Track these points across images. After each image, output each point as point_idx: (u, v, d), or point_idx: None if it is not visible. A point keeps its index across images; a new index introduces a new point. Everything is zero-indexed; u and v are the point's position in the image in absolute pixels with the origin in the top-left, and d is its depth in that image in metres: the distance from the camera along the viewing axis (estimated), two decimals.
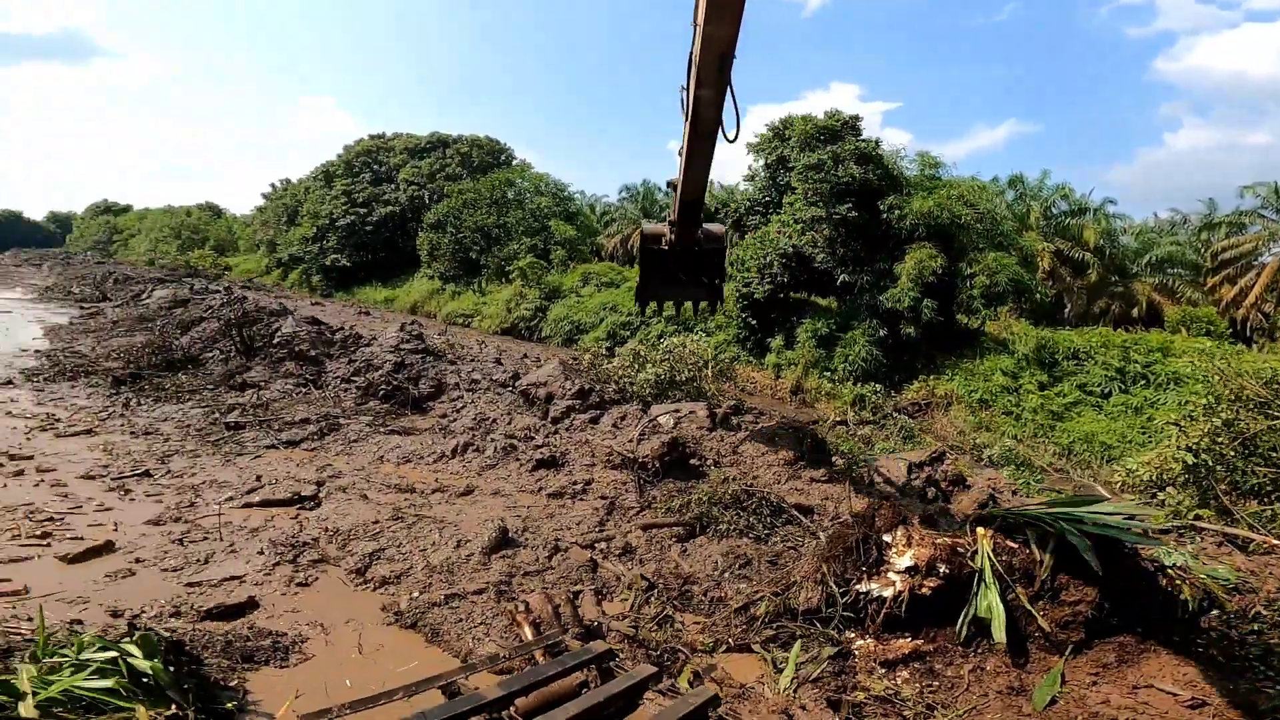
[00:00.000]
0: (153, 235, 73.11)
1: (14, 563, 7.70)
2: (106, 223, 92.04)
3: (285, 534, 8.86)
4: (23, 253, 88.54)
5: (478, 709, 4.92)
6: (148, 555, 8.22)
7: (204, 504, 9.82)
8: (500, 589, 7.55)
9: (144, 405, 14.39)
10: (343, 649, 6.56)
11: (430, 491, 10.58)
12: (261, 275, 53.12)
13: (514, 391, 14.26)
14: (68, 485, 10.13)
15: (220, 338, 18.58)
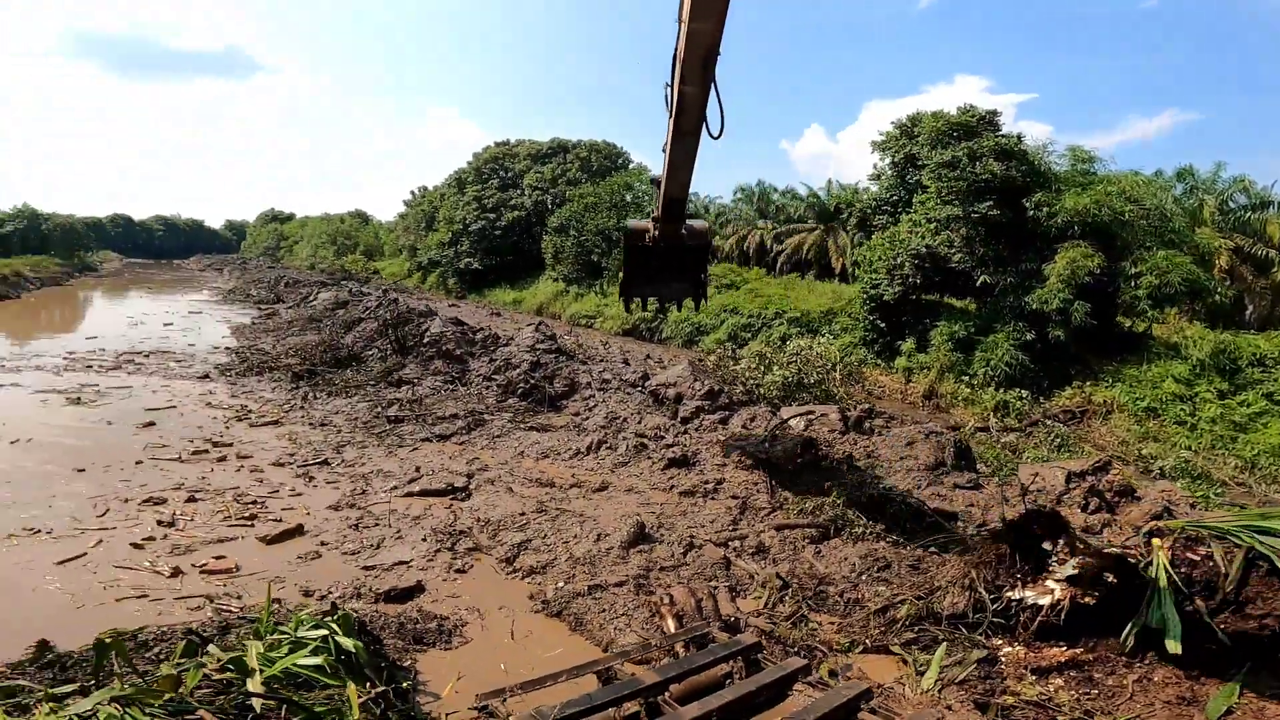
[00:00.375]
0: (312, 241, 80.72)
1: (223, 542, 8.76)
2: (274, 230, 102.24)
3: (443, 523, 9.55)
4: (205, 258, 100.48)
5: (636, 693, 5.19)
6: (330, 539, 9.08)
7: (373, 492, 10.79)
8: (639, 582, 7.81)
9: (319, 399, 16.09)
10: (496, 634, 7.01)
11: (568, 486, 11.10)
12: (404, 278, 57.38)
13: (643, 391, 14.64)
14: (263, 471, 11.46)
15: (377, 337, 20.42)
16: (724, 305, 28.59)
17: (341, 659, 5.50)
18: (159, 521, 9.11)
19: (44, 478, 10.40)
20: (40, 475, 10.50)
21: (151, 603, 7.19)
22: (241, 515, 9.57)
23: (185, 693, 4.92)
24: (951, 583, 6.95)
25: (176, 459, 11.76)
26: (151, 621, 6.51)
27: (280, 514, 9.72)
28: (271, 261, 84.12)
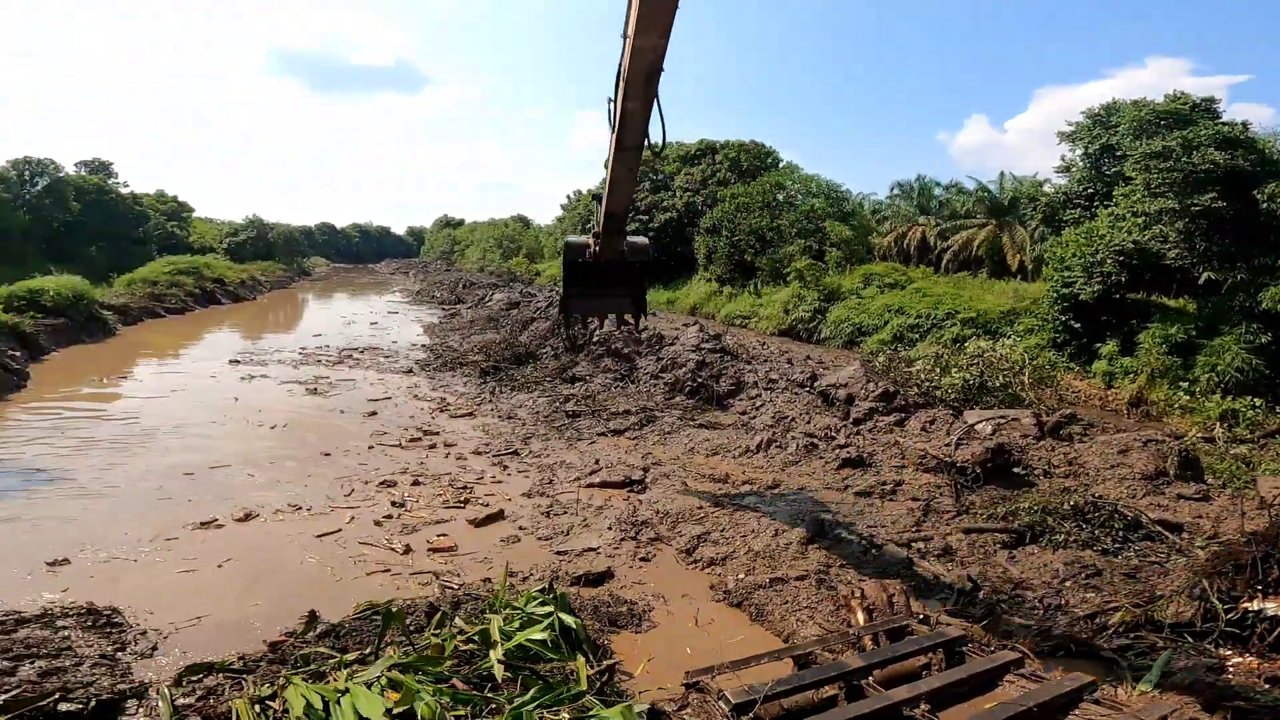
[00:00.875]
0: (481, 245, 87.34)
1: (441, 523, 9.83)
2: (448, 235, 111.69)
3: (624, 513, 10.11)
4: (393, 262, 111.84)
5: (841, 675, 5.39)
6: (526, 524, 9.92)
7: (558, 482, 11.66)
8: (819, 577, 7.93)
9: (503, 394, 17.63)
10: (680, 620, 7.38)
11: (741, 483, 11.37)
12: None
13: (811, 392, 14.57)
14: (466, 459, 12.78)
15: (550, 336, 21.91)
16: (887, 305, 27.40)
17: (563, 635, 6.03)
18: (392, 502, 10.45)
19: (299, 460, 12.32)
20: (296, 458, 12.45)
21: (392, 577, 8.20)
22: (456, 500, 10.73)
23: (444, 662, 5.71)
24: (1177, 591, 6.82)
25: (398, 445, 13.43)
26: (392, 594, 7.51)
27: (485, 499, 10.79)
28: (447, 265, 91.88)
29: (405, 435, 14.06)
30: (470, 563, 8.62)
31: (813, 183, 41.39)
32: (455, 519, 9.99)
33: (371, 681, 5.24)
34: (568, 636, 6.06)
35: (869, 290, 29.52)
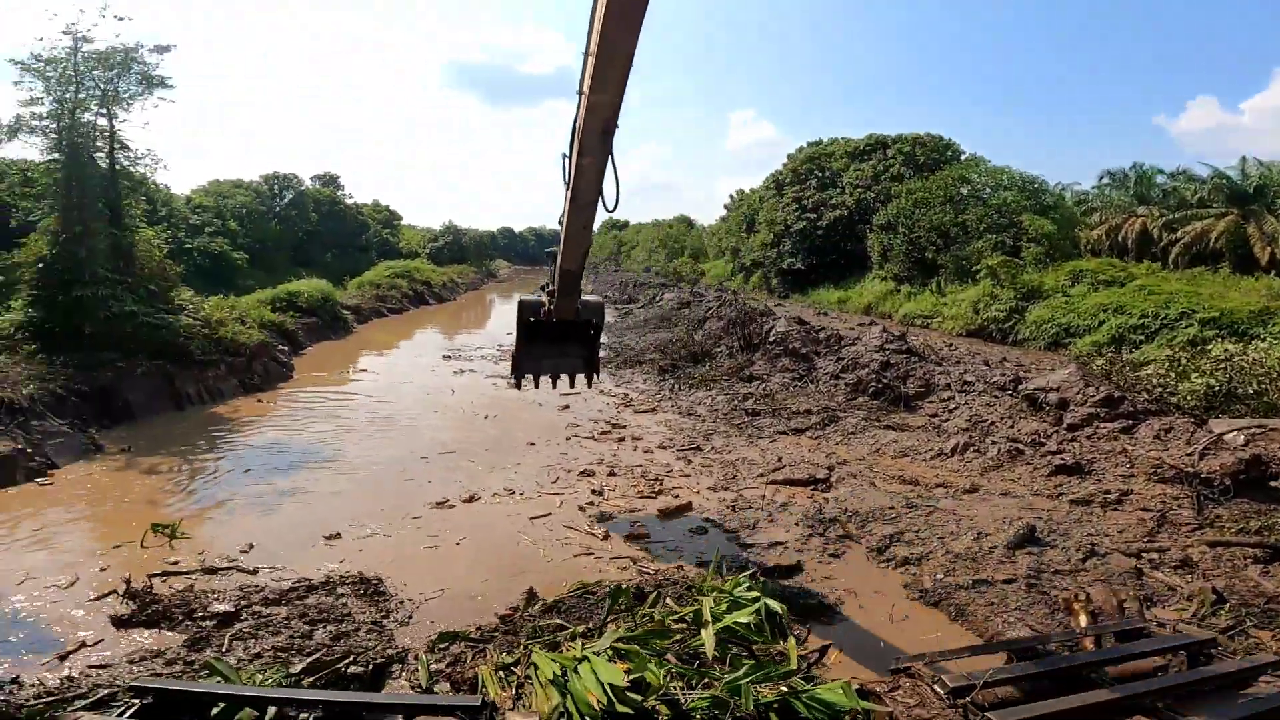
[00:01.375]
0: (645, 246, 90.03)
1: (634, 512, 10.48)
2: (614, 237, 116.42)
3: (809, 510, 10.20)
4: None
5: (1069, 668, 5.30)
6: (713, 516, 10.30)
7: (741, 478, 11.95)
8: (1029, 581, 7.69)
9: (682, 391, 18.27)
10: (873, 614, 7.43)
11: (934, 486, 11.02)
12: (728, 279, 60.72)
13: (1013, 395, 13.61)
14: (652, 452, 13.49)
15: (724, 335, 22.29)
16: (1102, 304, 24.56)
17: (768, 620, 6.35)
18: (592, 490, 11.34)
19: (508, 448, 13.70)
20: (506, 446, 13.85)
21: (594, 560, 8.90)
22: (650, 491, 11.38)
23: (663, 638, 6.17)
24: None
25: (590, 438, 14.49)
26: (596, 576, 8.16)
27: (673, 491, 11.33)
28: (614, 266, 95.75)
29: (596, 428, 15.11)
30: (662, 551, 9.12)
31: (1004, 175, 38.01)
32: (646, 509, 10.58)
33: (601, 652, 5.77)
34: (772, 621, 6.37)
35: (1078, 288, 26.66)
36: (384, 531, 9.64)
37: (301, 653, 6.30)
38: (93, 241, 16.31)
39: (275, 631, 6.68)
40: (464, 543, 9.34)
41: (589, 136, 7.25)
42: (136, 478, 11.52)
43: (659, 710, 5.02)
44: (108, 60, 17.23)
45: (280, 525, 9.71)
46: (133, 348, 15.55)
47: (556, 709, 5.08)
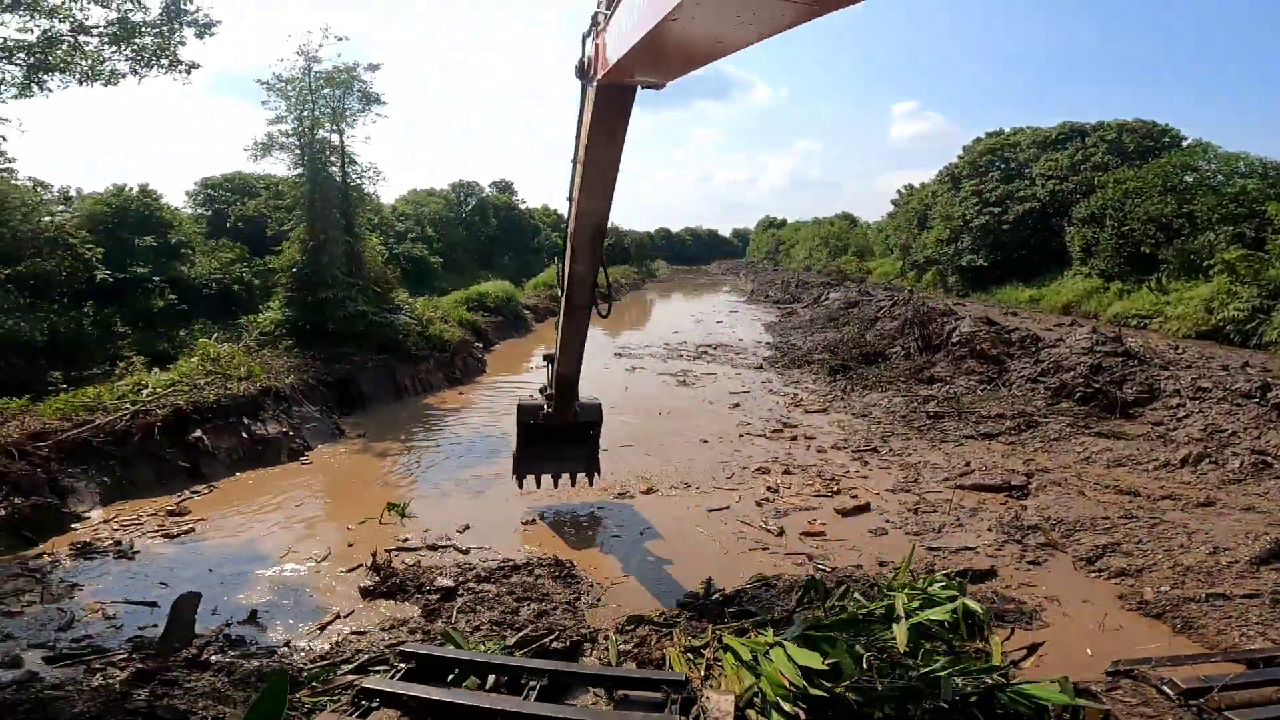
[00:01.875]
0: (806, 245, 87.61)
1: (809, 510, 10.52)
2: (772, 235, 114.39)
3: (1004, 517, 9.72)
4: (722, 263, 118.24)
5: None
6: (893, 518, 10.13)
7: (924, 481, 11.54)
8: (1276, 597, 7.16)
9: (855, 392, 17.77)
10: (1079, 623, 7.09)
11: (1159, 498, 10.09)
12: (896, 277, 57.53)
13: (1261, 403, 11.85)
14: (826, 452, 13.34)
15: (899, 335, 21.29)
16: None
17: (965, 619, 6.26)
18: (767, 488, 11.47)
19: (683, 444, 14.14)
20: (681, 442, 14.29)
21: (770, 555, 9.08)
22: (827, 490, 11.33)
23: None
24: None
25: (763, 436, 14.59)
26: (770, 570, 8.35)
27: (850, 491, 11.21)
28: (773, 265, 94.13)
29: (768, 427, 15.17)
30: (839, 549, 9.12)
31: (1240, 161, 32.73)
32: (822, 507, 10.56)
33: (792, 639, 5.95)
34: (970, 621, 6.29)
35: None
36: (572, 519, 10.40)
37: (511, 627, 7.04)
38: (332, 248, 19.11)
39: (489, 607, 7.53)
40: (645, 532, 9.87)
41: (580, 243, 7.43)
42: (371, 460, 13.38)
43: (848, 696, 5.14)
44: (334, 79, 19.84)
45: (485, 508, 10.81)
46: (363, 344, 18.05)
47: (750, 689, 5.33)
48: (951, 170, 50.15)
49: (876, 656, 5.65)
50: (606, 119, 6.14)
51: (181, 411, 12.06)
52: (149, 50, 11.24)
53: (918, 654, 5.73)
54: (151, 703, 5.32)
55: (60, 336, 17.67)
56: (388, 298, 20.39)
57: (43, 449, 10.25)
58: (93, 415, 11.31)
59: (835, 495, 11.05)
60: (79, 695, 5.47)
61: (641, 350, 25.89)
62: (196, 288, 22.82)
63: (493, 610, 7.43)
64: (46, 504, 9.63)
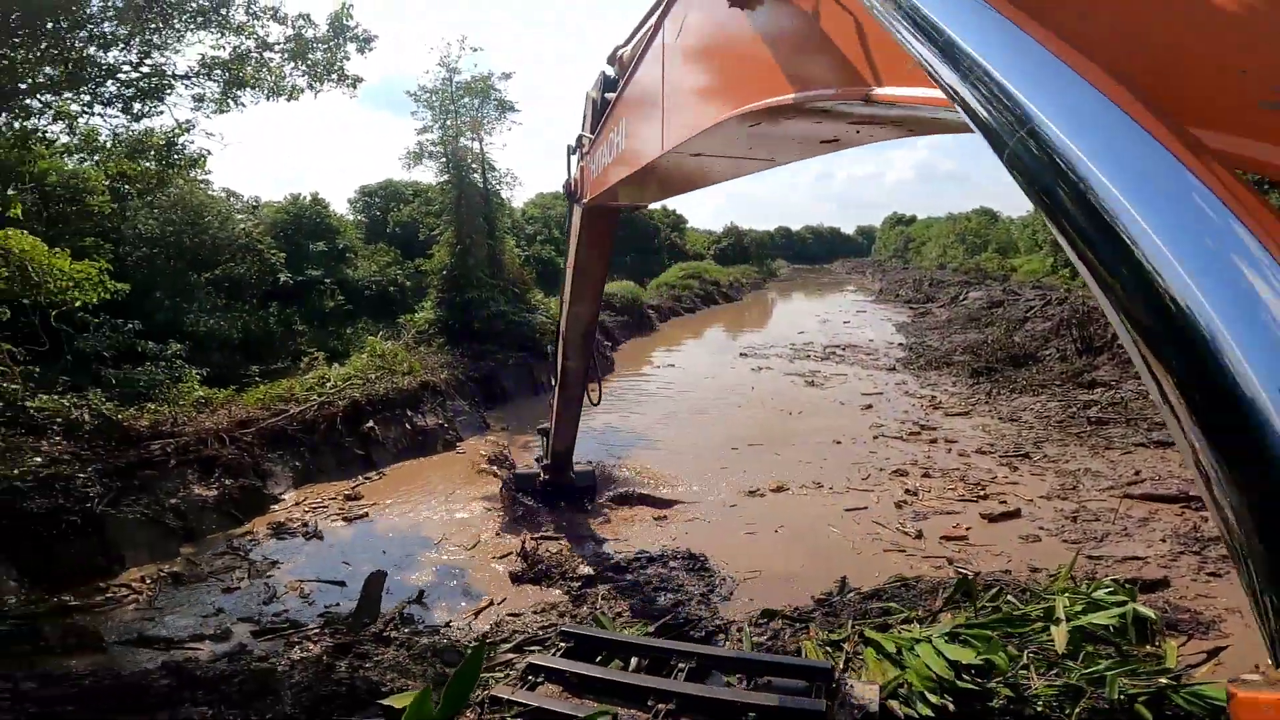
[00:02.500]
0: (940, 242, 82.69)
1: (951, 514, 10.20)
2: (900, 233, 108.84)
3: (1180, 527, 9.05)
4: (845, 261, 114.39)
5: None
6: (1048, 525, 9.62)
7: (1084, 489, 10.81)
8: None
9: (1002, 395, 16.72)
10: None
11: None
12: (1046, 275, 53.18)
13: None
14: (968, 456, 12.75)
15: (1053, 336, 19.74)
16: None
17: (1135, 626, 6.00)
18: (905, 490, 11.20)
19: (814, 444, 13.99)
20: (812, 442, 14.16)
21: (906, 557, 8.92)
22: (971, 494, 10.91)
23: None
24: None
25: (898, 438, 14.12)
26: (905, 571, 8.19)
27: (997, 496, 10.72)
28: (903, 263, 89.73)
29: (903, 429, 14.66)
30: (984, 554, 8.81)
31: None
32: (966, 511, 10.20)
33: (940, 635, 5.94)
34: (1140, 628, 6.03)
35: None
36: (705, 516, 10.62)
37: (649, 615, 7.37)
38: (476, 251, 20.54)
39: (628, 595, 7.92)
40: (779, 530, 9.95)
41: (571, 340, 8.10)
42: (515, 451, 14.29)
43: (1000, 691, 5.10)
44: (472, 88, 21.23)
45: (614, 500, 11.18)
46: (504, 342, 19.27)
47: (894, 680, 5.38)
48: None
49: (1033, 655, 5.56)
50: (593, 235, 6.78)
51: (357, 403, 13.51)
52: (320, 65, 12.23)
53: (1078, 656, 5.57)
54: (352, 675, 6.03)
55: (251, 334, 20.25)
56: (525, 298, 21.60)
57: (247, 435, 11.76)
58: (286, 405, 12.89)
59: (981, 500, 10.62)
60: (290, 667, 6.25)
61: (766, 350, 25.66)
62: (359, 289, 25.27)
63: (631, 598, 7.82)
64: (251, 486, 10.99)
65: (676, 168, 3.73)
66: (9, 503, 8.20)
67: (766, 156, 3.22)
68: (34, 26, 9.72)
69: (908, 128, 2.23)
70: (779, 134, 2.63)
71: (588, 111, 5.98)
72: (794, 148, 3.00)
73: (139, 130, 12.53)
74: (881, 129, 2.31)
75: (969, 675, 5.39)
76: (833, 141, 2.67)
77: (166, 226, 20.01)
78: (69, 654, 6.71)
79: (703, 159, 3.30)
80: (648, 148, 3.64)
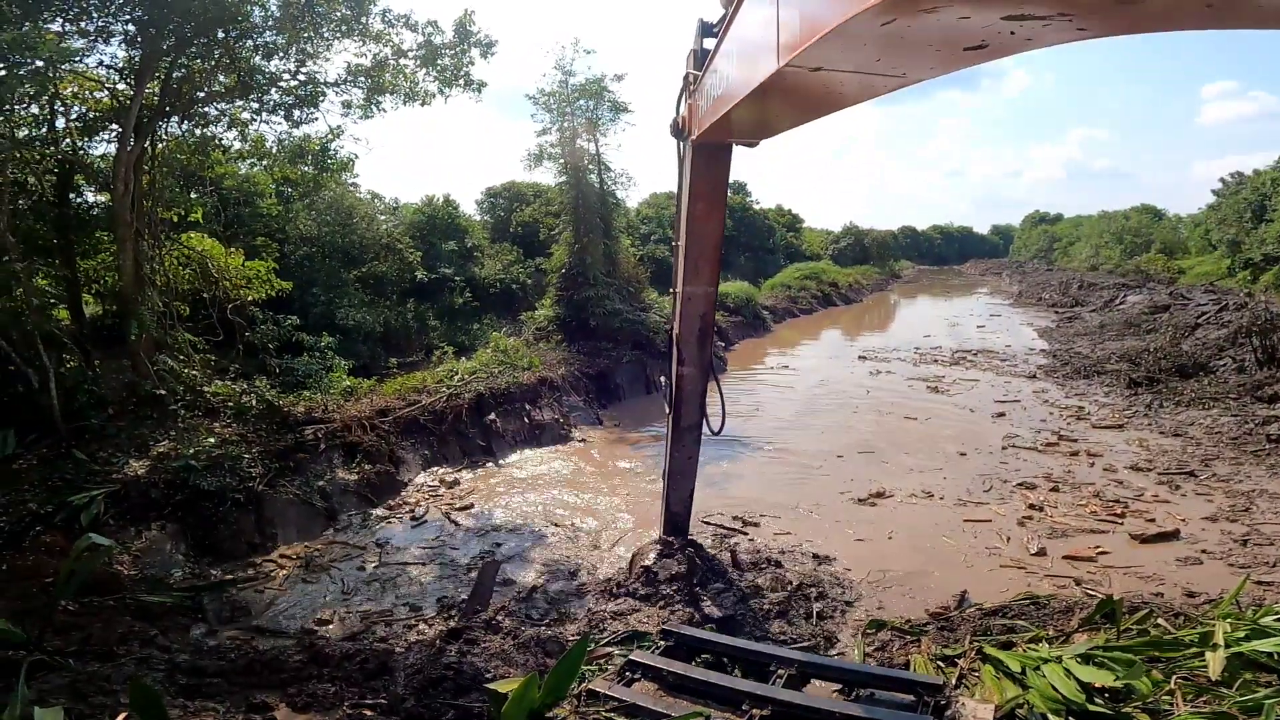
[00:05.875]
0: (1092, 241, 75.22)
1: (1094, 533, 9.36)
2: (1044, 232, 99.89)
3: None
4: (979, 263, 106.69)
5: None
6: (1212, 548, 8.70)
7: (1259, 511, 9.68)
8: None
9: (1164, 408, 14.96)
10: None
11: None
12: (1221, 278, 46.96)
13: None
14: (1117, 472, 11.59)
15: (1228, 345, 17.40)
16: None
17: None
18: (1030, 505, 10.36)
19: (931, 452, 13.19)
20: (929, 450, 13.34)
21: (1025, 574, 8.30)
22: (1108, 513, 9.97)
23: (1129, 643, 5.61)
24: None
25: (1033, 448, 13.05)
26: (1021, 588, 7.67)
27: (1145, 515, 9.76)
28: (1046, 264, 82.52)
29: (1039, 439, 13.53)
30: (1130, 576, 8.14)
31: None
32: (1113, 532, 9.38)
33: (1074, 656, 5.48)
34: None
35: None
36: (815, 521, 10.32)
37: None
38: (593, 250, 21.03)
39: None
40: (893, 539, 9.55)
41: (686, 337, 6.66)
42: (625, 448, 14.52)
43: (1136, 718, 4.69)
44: (587, 90, 21.57)
45: (724, 503, 10.98)
46: (618, 340, 19.64)
47: (1013, 700, 5.02)
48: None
49: (1181, 681, 5.08)
50: (706, 178, 5.85)
51: (481, 396, 14.27)
52: (448, 70, 12.71)
53: (1234, 684, 5.03)
54: (460, 660, 6.33)
55: (391, 328, 21.92)
56: (639, 297, 21.87)
57: (385, 423, 12.64)
58: (419, 396, 13.84)
59: (1123, 519, 9.68)
60: (406, 649, 6.62)
61: (888, 354, 24.47)
62: (485, 287, 26.65)
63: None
64: (387, 471, 11.76)
65: (795, 87, 3.27)
66: (184, 479, 9.15)
67: (897, 72, 2.74)
68: (208, 37, 10.86)
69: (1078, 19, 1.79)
70: (915, 35, 2.22)
71: (690, 57, 5.66)
72: (931, 57, 2.51)
73: (299, 136, 13.81)
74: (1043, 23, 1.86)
75: (1103, 699, 4.97)
76: (979, 49, 2.21)
77: (323, 227, 22.04)
78: (222, 627, 7.43)
79: (824, 74, 2.88)
80: (762, 65, 3.22)
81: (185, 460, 9.40)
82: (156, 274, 12.32)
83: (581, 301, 20.30)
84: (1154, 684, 4.91)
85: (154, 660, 6.26)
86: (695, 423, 7.35)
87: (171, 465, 9.34)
